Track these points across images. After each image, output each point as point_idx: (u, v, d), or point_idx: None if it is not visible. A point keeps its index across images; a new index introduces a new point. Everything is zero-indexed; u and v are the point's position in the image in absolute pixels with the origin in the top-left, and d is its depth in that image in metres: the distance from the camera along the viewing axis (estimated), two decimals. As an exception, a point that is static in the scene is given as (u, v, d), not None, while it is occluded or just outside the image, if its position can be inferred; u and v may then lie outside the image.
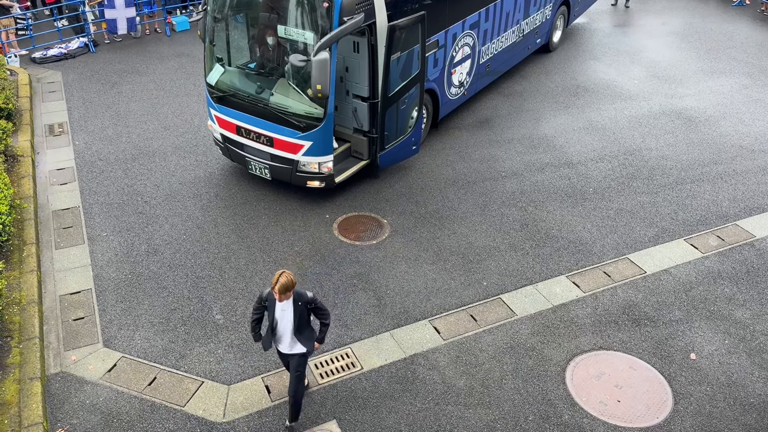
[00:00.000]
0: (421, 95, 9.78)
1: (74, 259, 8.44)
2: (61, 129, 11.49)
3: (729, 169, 10.65)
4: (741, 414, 6.58)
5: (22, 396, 6.43)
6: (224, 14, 9.19)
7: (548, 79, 13.70)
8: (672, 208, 9.69)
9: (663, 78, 13.80)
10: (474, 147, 11.15)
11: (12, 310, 7.41)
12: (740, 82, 13.64)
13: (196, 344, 7.26)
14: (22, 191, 9.46)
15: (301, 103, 8.72)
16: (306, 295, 5.79)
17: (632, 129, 11.81)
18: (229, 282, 8.13)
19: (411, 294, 8.01)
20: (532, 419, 6.49)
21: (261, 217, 9.31)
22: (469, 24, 10.98)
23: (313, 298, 5.83)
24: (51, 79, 13.39)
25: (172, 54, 14.74)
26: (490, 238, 8.99)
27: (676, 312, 7.84)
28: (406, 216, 9.39)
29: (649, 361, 7.17)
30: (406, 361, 7.11)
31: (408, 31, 9.00)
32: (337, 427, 6.36)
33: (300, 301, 5.76)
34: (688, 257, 8.71)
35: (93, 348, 7.19)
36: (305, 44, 8.39)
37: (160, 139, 11.22)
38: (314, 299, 5.84)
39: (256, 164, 9.51)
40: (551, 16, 14.12)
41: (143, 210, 9.41)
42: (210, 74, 9.52)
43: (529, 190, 10.03)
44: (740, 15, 17.47)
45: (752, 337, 7.49)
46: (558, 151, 11.08)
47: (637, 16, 17.47)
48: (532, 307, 7.86)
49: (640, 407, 6.64)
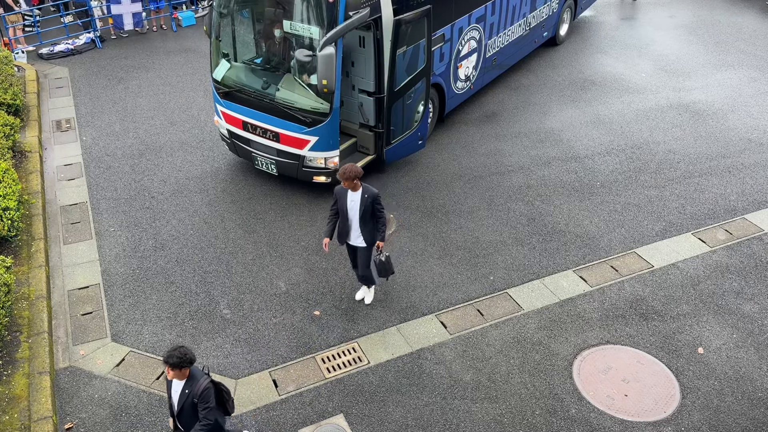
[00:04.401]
0: (427, 89, 9.76)
1: (82, 255, 8.49)
2: (68, 125, 11.53)
3: (737, 163, 10.58)
4: (749, 408, 6.57)
5: (31, 390, 6.48)
6: (230, 9, 9.19)
7: (555, 72, 13.64)
8: (680, 201, 9.65)
9: (671, 71, 13.71)
10: (480, 141, 11.12)
11: (21, 305, 7.46)
12: (748, 75, 13.55)
13: (204, 339, 7.29)
14: (30, 187, 9.51)
15: (307, 99, 8.72)
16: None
17: (640, 123, 11.75)
18: (237, 277, 8.16)
19: (417, 288, 8.01)
20: (539, 413, 6.49)
21: (268, 213, 9.33)
22: (475, 17, 10.94)
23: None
24: (58, 74, 13.43)
25: (178, 49, 14.76)
26: (497, 232, 8.98)
27: (684, 306, 7.81)
28: (412, 210, 9.39)
29: (657, 355, 7.16)
30: (413, 355, 7.12)
31: (414, 26, 8.97)
32: (345, 421, 6.38)
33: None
34: (695, 251, 8.68)
35: (101, 342, 7.23)
36: (311, 39, 8.38)
37: (167, 134, 11.25)
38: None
39: (263, 160, 9.52)
40: (558, 9, 14.05)
41: (150, 205, 9.45)
42: (216, 70, 9.52)
43: (536, 184, 10.01)
44: (748, 7, 17.33)
45: (760, 332, 7.46)
46: (565, 145, 11.05)
47: (644, 8, 17.35)
48: (538, 302, 7.85)
49: (648, 401, 6.63)
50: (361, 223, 6.95)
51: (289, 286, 8.04)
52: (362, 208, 6.87)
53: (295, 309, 7.70)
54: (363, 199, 6.84)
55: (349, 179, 6.70)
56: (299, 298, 7.85)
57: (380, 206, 6.96)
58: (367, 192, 6.86)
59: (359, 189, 6.86)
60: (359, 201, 6.86)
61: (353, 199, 6.88)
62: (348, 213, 6.95)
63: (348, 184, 6.77)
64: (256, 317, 7.58)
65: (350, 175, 6.68)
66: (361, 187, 6.86)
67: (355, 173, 6.69)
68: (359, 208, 6.88)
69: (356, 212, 6.91)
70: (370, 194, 6.86)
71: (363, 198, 6.84)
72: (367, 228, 7.00)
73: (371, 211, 6.94)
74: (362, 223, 6.95)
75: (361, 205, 6.86)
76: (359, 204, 6.86)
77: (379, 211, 6.97)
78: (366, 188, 6.88)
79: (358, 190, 6.85)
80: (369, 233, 7.04)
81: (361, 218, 6.92)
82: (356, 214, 6.92)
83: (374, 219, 7.03)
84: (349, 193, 6.87)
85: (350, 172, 6.66)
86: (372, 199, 6.87)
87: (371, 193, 6.87)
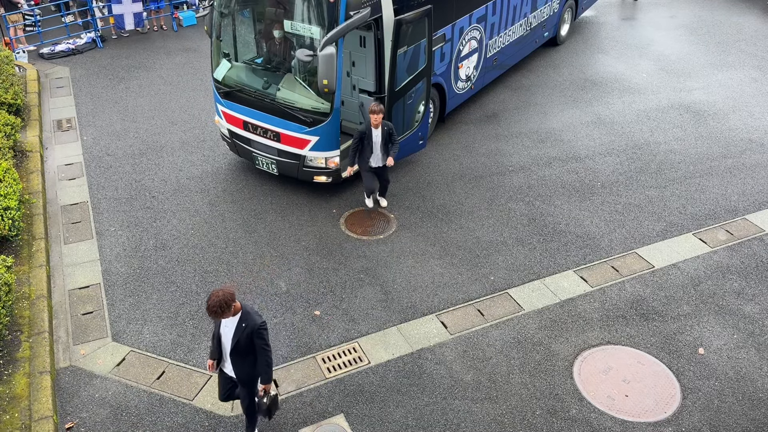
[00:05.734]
0: (427, 90, 9.76)
1: (83, 254, 8.49)
2: (69, 124, 11.54)
3: (738, 163, 10.58)
4: (749, 409, 6.56)
5: (32, 390, 6.48)
6: (231, 9, 9.19)
7: (556, 72, 13.64)
8: (680, 202, 9.64)
9: (671, 71, 13.71)
10: (481, 141, 11.12)
11: (22, 305, 7.47)
12: (750, 75, 13.54)
13: (205, 338, 7.29)
14: (31, 186, 9.52)
15: (307, 99, 8.72)
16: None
17: (640, 123, 11.75)
18: (237, 276, 8.16)
19: (418, 288, 8.01)
20: (539, 414, 6.49)
21: (268, 212, 9.33)
22: (476, 17, 10.93)
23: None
24: (59, 74, 13.44)
25: (179, 49, 14.77)
26: (497, 232, 8.98)
27: (685, 307, 7.81)
28: (412, 210, 9.39)
29: (657, 355, 7.15)
30: (414, 355, 7.12)
31: (415, 25, 8.97)
32: (345, 421, 6.38)
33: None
34: (696, 251, 8.68)
35: (102, 342, 7.24)
36: (312, 39, 8.39)
37: (168, 134, 11.25)
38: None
39: (263, 159, 9.52)
40: (559, 9, 14.04)
41: (151, 205, 9.45)
42: (217, 70, 9.52)
43: (537, 184, 10.00)
44: (749, 7, 17.32)
45: (761, 332, 7.45)
46: (566, 145, 11.04)
47: (645, 9, 17.35)
48: (539, 302, 7.85)
49: (648, 402, 6.63)
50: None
51: (290, 285, 8.04)
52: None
53: (296, 309, 7.70)
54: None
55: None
56: (299, 298, 7.85)
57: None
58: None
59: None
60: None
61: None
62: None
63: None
64: (257, 317, 7.57)
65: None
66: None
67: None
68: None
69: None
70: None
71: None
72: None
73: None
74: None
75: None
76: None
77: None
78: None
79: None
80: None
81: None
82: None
83: None
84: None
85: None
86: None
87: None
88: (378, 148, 8.78)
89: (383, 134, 8.68)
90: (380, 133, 8.68)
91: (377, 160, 8.90)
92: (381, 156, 8.87)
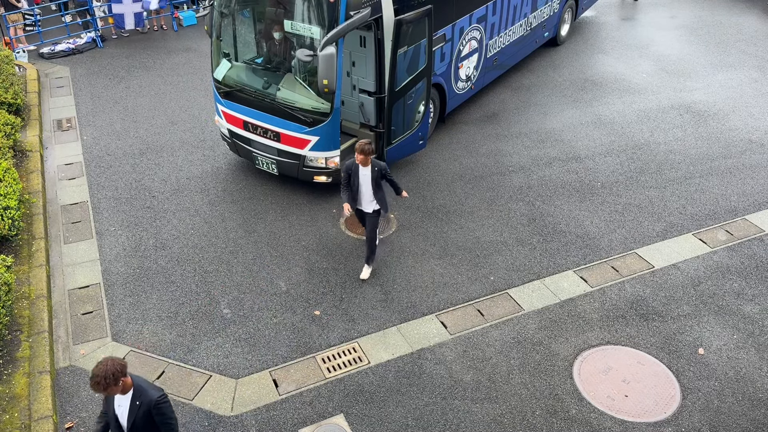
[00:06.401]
0: (428, 90, 9.76)
1: (83, 254, 8.49)
2: (69, 124, 11.54)
3: (738, 164, 10.58)
4: (749, 409, 6.56)
5: (32, 389, 6.48)
6: (231, 9, 9.19)
7: (556, 73, 13.64)
8: (680, 202, 9.64)
9: (672, 72, 13.71)
10: (481, 141, 11.12)
11: (21, 304, 7.46)
12: (750, 75, 13.54)
13: (204, 338, 7.29)
14: (31, 186, 9.51)
15: (307, 98, 8.72)
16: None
17: (641, 123, 11.75)
18: (237, 276, 8.16)
19: (418, 288, 8.01)
20: (539, 414, 6.49)
21: (268, 212, 9.33)
22: (476, 18, 10.93)
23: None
24: (59, 74, 13.44)
25: (179, 49, 14.76)
26: (497, 232, 8.98)
27: (684, 307, 7.81)
28: (412, 211, 9.39)
29: (657, 356, 7.15)
30: (413, 355, 7.12)
31: (415, 25, 8.97)
32: (345, 421, 6.38)
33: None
34: (696, 252, 8.68)
35: (102, 342, 7.23)
36: (312, 39, 8.38)
37: (168, 133, 11.25)
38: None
39: (263, 159, 9.52)
40: (559, 10, 14.04)
41: (151, 205, 9.45)
42: (217, 69, 9.52)
43: (537, 184, 10.01)
44: (749, 8, 17.32)
45: (761, 332, 7.45)
46: (566, 145, 11.04)
47: (645, 9, 17.35)
48: (539, 302, 7.85)
49: (648, 402, 6.63)
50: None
51: (290, 285, 8.04)
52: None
53: (296, 309, 7.70)
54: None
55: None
56: (299, 298, 7.85)
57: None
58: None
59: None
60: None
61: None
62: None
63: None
64: (257, 317, 7.58)
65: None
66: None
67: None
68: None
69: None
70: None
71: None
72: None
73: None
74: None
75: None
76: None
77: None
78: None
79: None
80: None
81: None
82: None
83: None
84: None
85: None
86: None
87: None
88: (367, 188, 7.61)
89: (374, 175, 7.52)
90: (369, 173, 7.53)
91: (367, 203, 7.74)
92: (370, 199, 7.68)
